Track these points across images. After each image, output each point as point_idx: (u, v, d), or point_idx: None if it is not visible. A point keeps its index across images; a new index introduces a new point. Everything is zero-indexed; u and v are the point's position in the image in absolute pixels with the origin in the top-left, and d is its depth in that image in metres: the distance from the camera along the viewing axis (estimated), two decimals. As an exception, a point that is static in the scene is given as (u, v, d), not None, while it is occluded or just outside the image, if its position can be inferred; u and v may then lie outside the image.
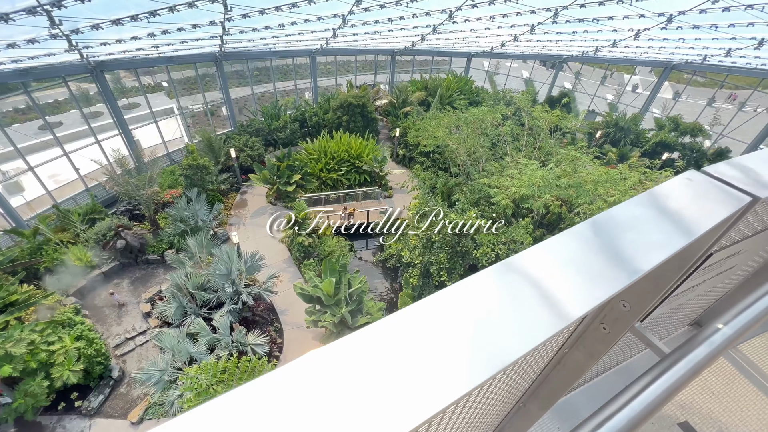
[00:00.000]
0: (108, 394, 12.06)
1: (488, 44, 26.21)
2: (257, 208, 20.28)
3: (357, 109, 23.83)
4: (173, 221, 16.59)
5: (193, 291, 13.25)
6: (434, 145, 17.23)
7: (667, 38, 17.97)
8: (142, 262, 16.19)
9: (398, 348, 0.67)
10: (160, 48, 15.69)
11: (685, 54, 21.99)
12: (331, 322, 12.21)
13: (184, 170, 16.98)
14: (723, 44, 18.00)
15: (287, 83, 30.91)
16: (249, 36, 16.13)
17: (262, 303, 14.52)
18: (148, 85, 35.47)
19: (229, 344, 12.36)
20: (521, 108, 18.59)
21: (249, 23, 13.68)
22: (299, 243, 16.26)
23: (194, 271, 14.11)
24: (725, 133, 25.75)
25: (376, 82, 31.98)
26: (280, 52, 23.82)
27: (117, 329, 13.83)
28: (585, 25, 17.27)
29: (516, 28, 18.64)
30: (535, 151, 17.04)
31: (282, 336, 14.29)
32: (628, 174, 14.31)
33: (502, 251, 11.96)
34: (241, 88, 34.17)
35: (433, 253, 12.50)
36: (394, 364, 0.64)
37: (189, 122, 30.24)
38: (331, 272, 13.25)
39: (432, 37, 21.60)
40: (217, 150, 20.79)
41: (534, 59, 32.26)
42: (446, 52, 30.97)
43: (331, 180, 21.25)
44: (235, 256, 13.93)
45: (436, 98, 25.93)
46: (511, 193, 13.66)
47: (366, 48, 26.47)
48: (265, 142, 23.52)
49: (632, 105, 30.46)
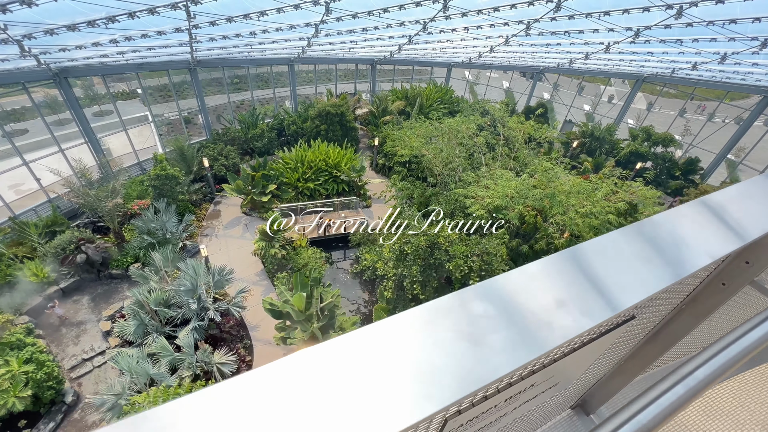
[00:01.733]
0: (60, 421, 11.26)
1: (466, 55, 26.49)
2: (231, 218, 19.72)
3: (335, 118, 23.64)
4: (140, 233, 15.91)
5: (156, 308, 12.62)
6: (410, 155, 17.12)
7: (637, 51, 18.44)
8: (105, 276, 15.43)
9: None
10: (127, 55, 15.18)
11: (655, 67, 22.65)
12: (300, 339, 11.76)
13: (152, 180, 16.35)
14: (689, 58, 18.58)
15: (266, 91, 30.58)
16: (220, 44, 15.78)
17: (231, 319, 13.95)
18: (122, 92, 34.56)
19: (193, 364, 11.76)
20: (496, 118, 18.71)
21: (218, 31, 13.35)
22: (272, 255, 15.79)
23: (159, 286, 13.48)
24: (695, 144, 26.55)
25: (357, 91, 31.93)
26: (257, 60, 23.50)
27: (73, 350, 13.04)
28: (557, 38, 17.57)
29: (491, 40, 18.84)
30: (510, 161, 17.10)
31: (252, 353, 13.73)
32: (600, 185, 14.43)
33: (475, 263, 11.80)
34: (219, 96, 33.62)
35: (406, 266, 12.25)
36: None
37: (164, 130, 29.51)
38: (302, 286, 12.84)
39: (410, 47, 21.66)
40: (190, 159, 20.20)
41: (513, 70, 32.80)
42: (426, 62, 31.20)
43: (308, 190, 20.87)
44: (202, 270, 13.37)
45: (416, 107, 25.97)
46: (485, 203, 13.57)
47: (345, 57, 26.39)
48: (241, 151, 23.03)
49: (607, 115, 31.20)
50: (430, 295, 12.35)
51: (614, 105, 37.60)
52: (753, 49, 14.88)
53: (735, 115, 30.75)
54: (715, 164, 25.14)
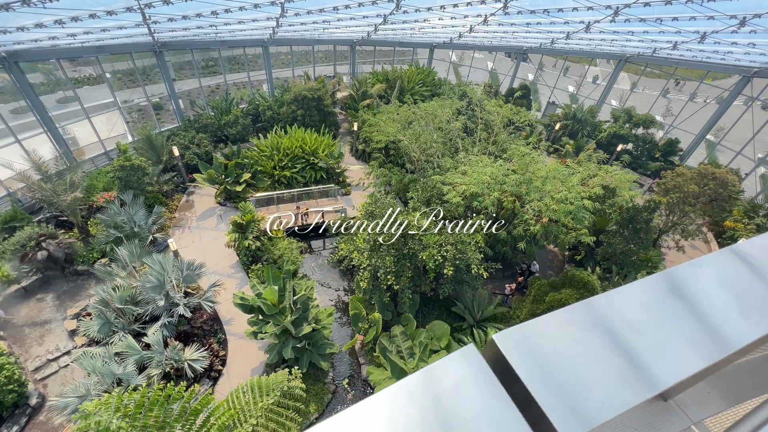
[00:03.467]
0: (24, 424, 10.94)
1: (447, 35, 25.69)
2: (205, 209, 19.10)
3: (313, 103, 22.85)
4: (106, 227, 15.26)
5: (122, 306, 12.17)
6: (386, 141, 16.63)
7: (617, 31, 18.03)
8: (71, 273, 14.83)
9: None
10: (80, 37, 14.14)
11: (636, 47, 22.30)
12: (272, 333, 11.52)
13: (116, 171, 15.59)
14: (669, 37, 18.27)
15: (241, 75, 29.34)
16: (182, 24, 14.81)
17: (204, 313, 13.61)
18: (90, 76, 32.81)
19: (162, 362, 11.46)
20: (473, 102, 18.24)
21: (174, 10, 12.45)
22: (245, 247, 15.36)
23: (126, 282, 12.99)
24: (675, 124, 26.57)
25: (337, 73, 30.89)
26: (227, 42, 22.35)
27: (38, 350, 12.58)
28: (537, 17, 17.01)
29: (470, 19, 18.17)
30: (489, 146, 16.78)
31: (226, 347, 13.48)
32: (577, 169, 14.26)
33: (449, 252, 11.60)
34: (193, 80, 32.17)
35: (379, 257, 11.99)
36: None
37: (135, 117, 28.24)
38: (273, 279, 12.50)
39: (387, 27, 20.81)
40: (159, 148, 19.34)
41: (496, 51, 32.07)
42: (407, 42, 30.22)
43: (284, 178, 20.29)
44: (170, 265, 12.91)
45: (395, 90, 25.25)
46: (461, 190, 13.29)
47: (322, 38, 25.33)
48: (214, 139, 22.16)
49: (591, 97, 30.94)
50: (405, 285, 12.16)
51: (598, 86, 37.35)
52: (732, 27, 14.62)
53: (716, 95, 30.80)
54: (694, 145, 25.27)
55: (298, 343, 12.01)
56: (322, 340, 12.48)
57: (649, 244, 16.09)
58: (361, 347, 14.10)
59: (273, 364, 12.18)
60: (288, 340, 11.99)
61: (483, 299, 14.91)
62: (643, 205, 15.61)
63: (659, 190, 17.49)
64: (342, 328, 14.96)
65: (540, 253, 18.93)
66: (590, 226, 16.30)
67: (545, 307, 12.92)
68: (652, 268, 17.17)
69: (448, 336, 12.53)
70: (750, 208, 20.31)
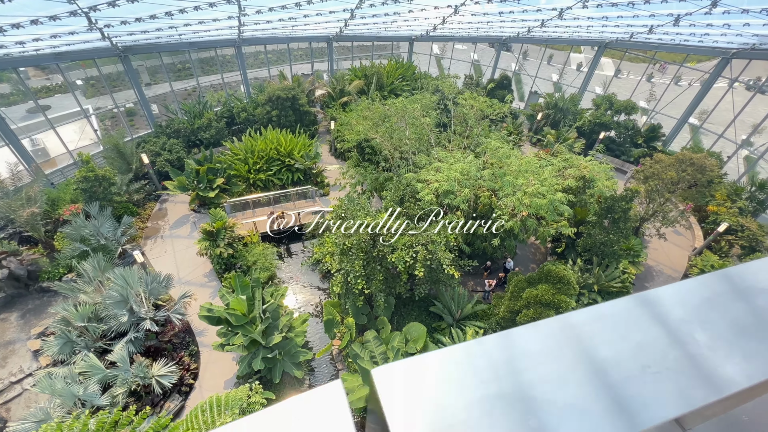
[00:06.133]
0: (-15, 451, 10.54)
1: (422, 28, 25.18)
2: (179, 217, 18.63)
3: (287, 103, 22.34)
4: (71, 241, 14.77)
5: (84, 323, 11.75)
6: (357, 140, 16.21)
7: (591, 17, 17.65)
8: (36, 290, 14.37)
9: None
10: (30, 44, 13.56)
11: (614, 32, 21.95)
12: (240, 345, 11.16)
13: (79, 183, 15.07)
14: (645, 21, 17.92)
15: (216, 77, 28.68)
16: (137, 27, 14.24)
17: (174, 326, 13.22)
18: (61, 83, 31.95)
19: (128, 380, 11.08)
20: (446, 96, 17.84)
21: (124, 13, 11.91)
22: (217, 255, 14.96)
23: (91, 298, 12.55)
24: (658, 109, 26.31)
25: (316, 70, 30.31)
26: (197, 44, 21.71)
27: (1, 373, 12.15)
28: (509, 5, 16.60)
29: (440, 10, 17.71)
30: (464, 140, 16.41)
31: (199, 360, 13.12)
32: (552, 161, 13.94)
33: (420, 253, 11.26)
34: (167, 84, 31.47)
35: (348, 260, 11.63)
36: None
37: (108, 124, 27.60)
38: (242, 288, 12.14)
39: (358, 22, 20.30)
40: (129, 156, 18.80)
41: (475, 41, 31.59)
42: (386, 36, 29.65)
43: (260, 181, 19.84)
44: (135, 278, 12.48)
45: (373, 86, 24.76)
46: (433, 188, 12.94)
47: (296, 35, 24.73)
48: (188, 144, 21.61)
49: (573, 85, 30.57)
50: (378, 288, 11.83)
51: (582, 73, 37.03)
52: (704, 9, 14.29)
53: (699, 78, 30.58)
54: (676, 130, 25.04)
55: (269, 352, 11.67)
56: (295, 348, 12.15)
57: (628, 234, 15.86)
58: (339, 353, 13.80)
59: (244, 376, 11.84)
60: (258, 351, 11.65)
61: (462, 297, 14.63)
62: (620, 194, 15.35)
63: (638, 178, 17.23)
64: (325, 332, 14.63)
65: (523, 246, 18.68)
66: (570, 218, 16.04)
67: (522, 304, 12.66)
68: (634, 257, 16.97)
69: (424, 337, 12.23)
70: (732, 191, 20.14)
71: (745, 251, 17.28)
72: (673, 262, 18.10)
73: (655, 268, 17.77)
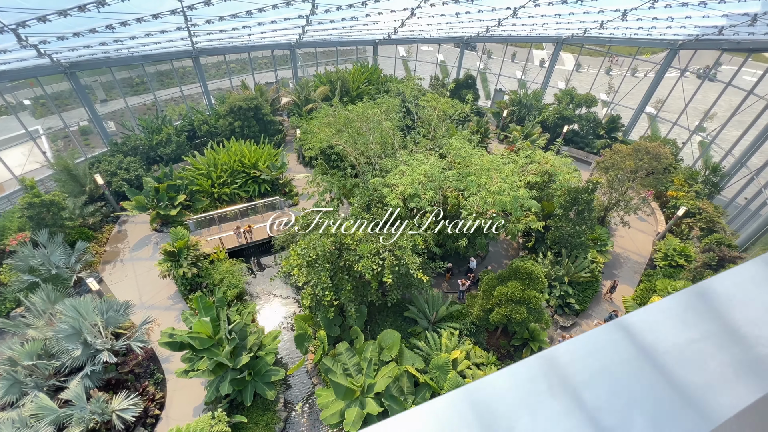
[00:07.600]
0: None
1: (383, 31, 25.16)
2: (140, 238, 17.77)
3: (250, 113, 21.80)
4: (19, 273, 13.80)
5: (33, 362, 10.92)
6: (320, 147, 15.92)
7: (545, 14, 18.04)
8: (-19, 329, 13.29)
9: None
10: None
11: (568, 29, 22.56)
12: (205, 370, 10.63)
13: (24, 210, 14.11)
14: (595, 17, 18.47)
15: (174, 89, 27.70)
16: (78, 42, 13.47)
17: (137, 355, 12.50)
18: (6, 104, 30.04)
19: (84, 418, 10.35)
20: (407, 99, 17.81)
21: (59, 28, 11.22)
22: (181, 275, 14.30)
23: (39, 334, 11.70)
24: (617, 101, 27.25)
25: (281, 78, 29.79)
26: (150, 56, 20.87)
27: (-59, 423, 11.11)
28: (463, 6, 16.73)
29: (396, 13, 17.68)
30: (429, 142, 16.38)
31: (165, 388, 12.46)
32: (514, 158, 14.07)
33: (387, 260, 11.08)
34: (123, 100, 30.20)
35: (315, 272, 11.32)
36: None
37: (60, 145, 26.16)
38: (206, 310, 11.61)
39: (317, 27, 20.03)
40: (81, 177, 17.81)
41: (438, 42, 31.87)
42: (349, 41, 29.48)
43: (225, 195, 19.21)
44: (89, 308, 11.73)
45: (337, 92, 24.52)
46: (399, 192, 12.79)
47: (256, 44, 24.19)
48: (147, 161, 20.71)
49: (536, 81, 31.29)
50: (348, 298, 11.55)
51: (544, 69, 38.02)
52: (647, 3, 14.81)
53: (653, 69, 31.90)
54: (634, 119, 25.97)
55: (238, 374, 11.19)
56: (266, 367, 11.71)
57: (594, 224, 16.21)
58: (314, 366, 13.42)
59: (213, 401, 11.29)
60: (226, 374, 11.15)
61: (437, 299, 14.55)
62: (582, 186, 15.68)
63: (599, 169, 17.69)
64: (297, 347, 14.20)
65: (495, 243, 18.83)
66: (538, 212, 16.26)
67: (494, 302, 12.67)
68: (602, 246, 17.38)
69: (398, 344, 12.03)
70: (689, 176, 21.01)
71: (703, 232, 18.00)
72: (639, 248, 18.66)
73: (622, 255, 18.26)
